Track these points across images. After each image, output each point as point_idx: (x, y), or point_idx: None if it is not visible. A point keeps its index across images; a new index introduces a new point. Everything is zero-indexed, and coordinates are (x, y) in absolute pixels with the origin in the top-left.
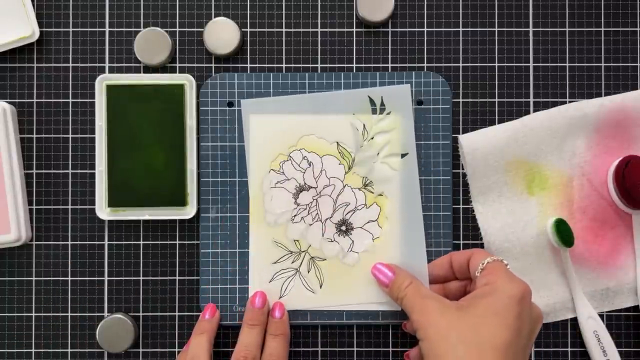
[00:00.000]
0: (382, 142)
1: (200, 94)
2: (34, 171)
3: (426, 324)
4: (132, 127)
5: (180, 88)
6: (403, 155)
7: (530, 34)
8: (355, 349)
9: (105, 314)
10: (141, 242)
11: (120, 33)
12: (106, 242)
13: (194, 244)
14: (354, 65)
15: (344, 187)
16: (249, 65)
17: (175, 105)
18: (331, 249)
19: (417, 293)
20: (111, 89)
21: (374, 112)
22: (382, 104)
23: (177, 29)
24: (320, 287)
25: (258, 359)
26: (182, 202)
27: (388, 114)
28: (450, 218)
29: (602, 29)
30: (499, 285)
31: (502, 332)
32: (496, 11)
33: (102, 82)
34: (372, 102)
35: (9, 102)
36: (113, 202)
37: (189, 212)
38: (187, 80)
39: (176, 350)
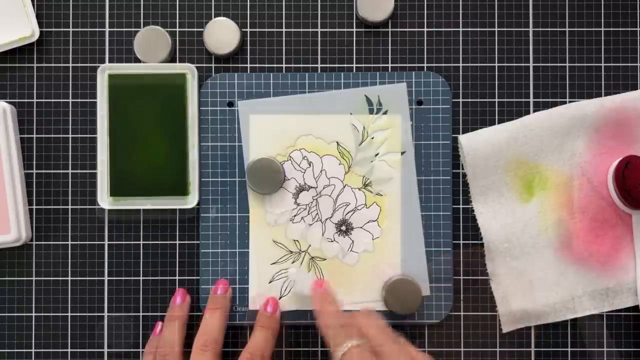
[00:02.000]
0: (380, 141)
1: (201, 94)
2: (34, 171)
3: None
4: (134, 116)
5: (182, 77)
6: (401, 154)
7: (530, 34)
8: None
9: (106, 313)
10: (141, 242)
11: (120, 33)
12: (106, 242)
13: (194, 243)
14: (354, 65)
15: (344, 187)
16: (249, 65)
17: (177, 94)
18: (331, 249)
19: None
20: (113, 78)
21: (371, 111)
22: (379, 103)
23: (177, 29)
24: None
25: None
26: (183, 191)
27: (385, 113)
28: (450, 218)
29: (602, 29)
30: None
31: None
32: (496, 11)
33: (104, 72)
34: (369, 101)
35: (9, 102)
36: (115, 192)
37: (190, 201)
38: (188, 70)
39: None
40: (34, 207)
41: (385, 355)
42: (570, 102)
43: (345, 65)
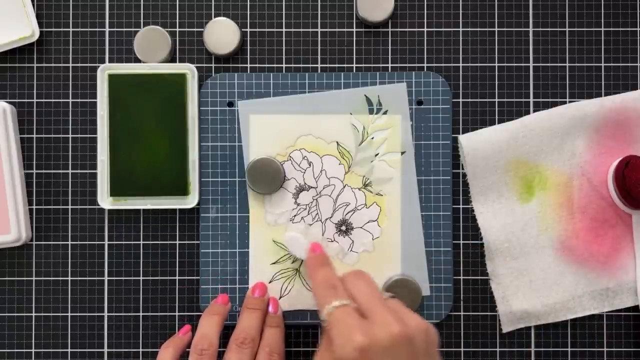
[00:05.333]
0: (380, 141)
1: (201, 94)
2: (34, 171)
3: None
4: (134, 116)
5: (182, 77)
6: (401, 154)
7: (530, 34)
8: None
9: (106, 313)
10: (141, 242)
11: (121, 33)
12: (106, 242)
13: (194, 243)
14: (354, 65)
15: (344, 187)
16: (249, 65)
17: (177, 94)
18: (331, 248)
19: None
20: (113, 78)
21: (371, 111)
22: (379, 103)
23: (177, 29)
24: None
25: (257, 342)
26: (183, 191)
27: (385, 113)
28: (450, 218)
29: (602, 29)
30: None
31: None
32: (496, 11)
33: (104, 72)
34: (369, 101)
35: (9, 102)
36: (115, 192)
37: (190, 201)
38: (188, 70)
39: None
40: (34, 207)
41: (372, 315)
42: (570, 102)
43: (345, 65)
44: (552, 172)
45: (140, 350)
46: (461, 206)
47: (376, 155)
